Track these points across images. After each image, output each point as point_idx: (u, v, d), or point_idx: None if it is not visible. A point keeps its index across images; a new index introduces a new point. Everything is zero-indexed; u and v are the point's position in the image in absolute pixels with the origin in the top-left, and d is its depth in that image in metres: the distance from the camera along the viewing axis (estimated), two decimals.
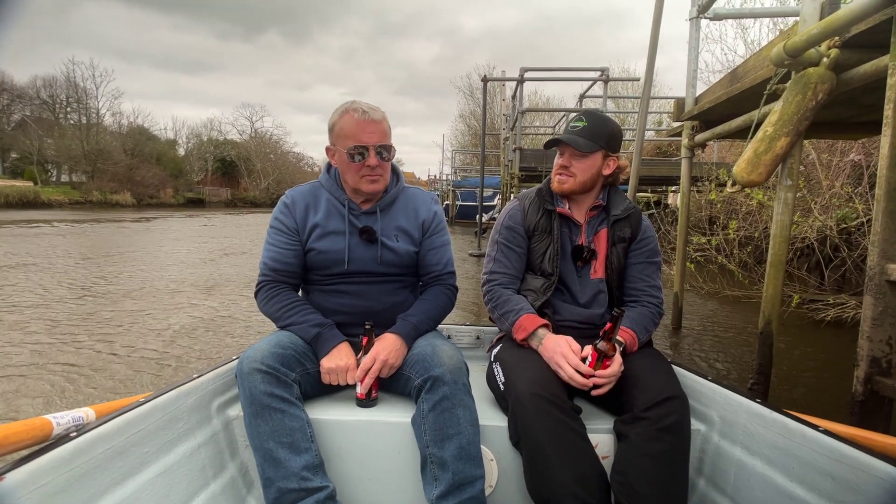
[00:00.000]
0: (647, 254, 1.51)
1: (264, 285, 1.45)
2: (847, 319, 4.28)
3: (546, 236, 1.50)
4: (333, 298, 1.46)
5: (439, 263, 1.53)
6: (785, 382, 3.05)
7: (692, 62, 3.66)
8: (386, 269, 1.47)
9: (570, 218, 1.51)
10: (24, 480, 0.85)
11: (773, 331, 2.36)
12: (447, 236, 1.57)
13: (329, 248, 1.43)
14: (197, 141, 43.62)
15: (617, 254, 1.48)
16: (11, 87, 33.21)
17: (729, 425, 1.29)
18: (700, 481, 1.33)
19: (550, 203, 1.52)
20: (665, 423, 1.15)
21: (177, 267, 7.46)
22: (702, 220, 6.84)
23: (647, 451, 1.13)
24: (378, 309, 1.45)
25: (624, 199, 1.52)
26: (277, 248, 1.45)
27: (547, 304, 1.48)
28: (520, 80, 7.63)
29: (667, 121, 13.40)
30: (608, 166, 1.48)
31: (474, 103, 29.48)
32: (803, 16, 2.18)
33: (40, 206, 25.16)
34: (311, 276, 1.49)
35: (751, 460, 1.21)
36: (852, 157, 5.25)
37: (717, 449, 1.30)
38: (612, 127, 1.48)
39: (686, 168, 4.04)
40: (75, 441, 0.96)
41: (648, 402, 1.18)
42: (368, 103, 1.40)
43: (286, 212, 1.46)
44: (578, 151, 1.44)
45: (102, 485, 0.99)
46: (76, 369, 3.12)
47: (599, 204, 1.51)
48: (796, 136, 2.21)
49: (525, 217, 1.53)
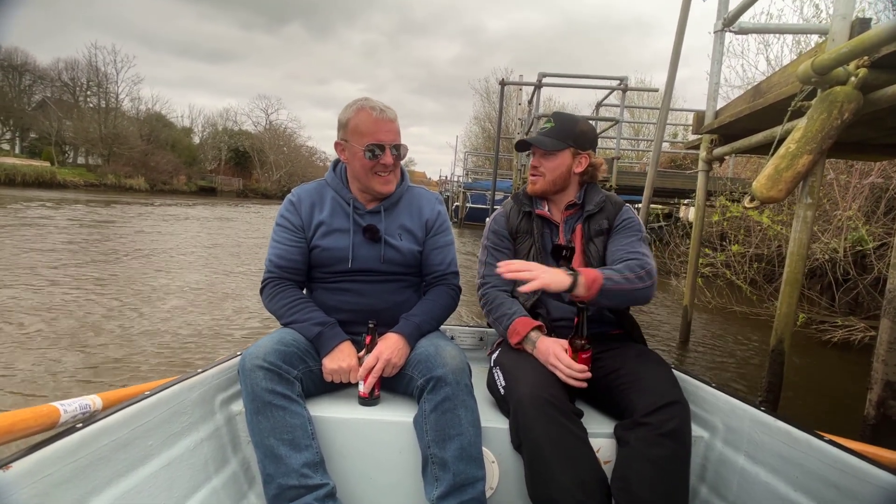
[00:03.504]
0: (626, 227, 1.48)
1: (269, 282, 1.46)
2: (854, 342, 4.24)
3: (528, 238, 1.55)
4: (337, 296, 1.46)
5: (442, 263, 1.53)
6: (791, 403, 3.01)
7: (714, 75, 3.63)
8: (389, 268, 1.47)
9: (549, 219, 1.55)
10: (30, 470, 0.86)
11: (785, 349, 2.34)
12: (451, 236, 1.59)
13: (333, 246, 1.44)
14: (212, 130, 44.01)
15: (595, 248, 1.49)
16: (34, 69, 33.74)
17: (732, 433, 1.27)
18: (703, 489, 1.32)
19: (528, 205, 1.57)
20: (665, 429, 1.14)
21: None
22: (712, 235, 6.78)
23: (647, 456, 1.12)
24: (381, 308, 1.46)
25: (598, 194, 1.54)
26: (283, 246, 1.46)
27: (540, 304, 1.51)
28: (538, 86, 7.60)
29: (682, 133, 13.32)
30: (579, 164, 1.52)
31: (490, 106, 29.47)
32: (832, 34, 2.15)
33: (56, 187, 25.51)
34: (315, 274, 1.50)
35: (754, 468, 1.19)
36: (872, 180, 5.18)
37: (721, 456, 1.29)
38: (581, 126, 1.53)
39: (702, 181, 4.01)
40: (81, 432, 0.97)
41: (649, 408, 1.17)
42: (381, 102, 1.42)
43: (292, 209, 1.48)
44: (545, 151, 1.50)
45: (106, 476, 1.00)
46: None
47: (574, 202, 1.54)
48: (819, 155, 2.18)
49: (508, 221, 1.59)
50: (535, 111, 7.84)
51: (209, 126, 44.16)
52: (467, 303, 5.20)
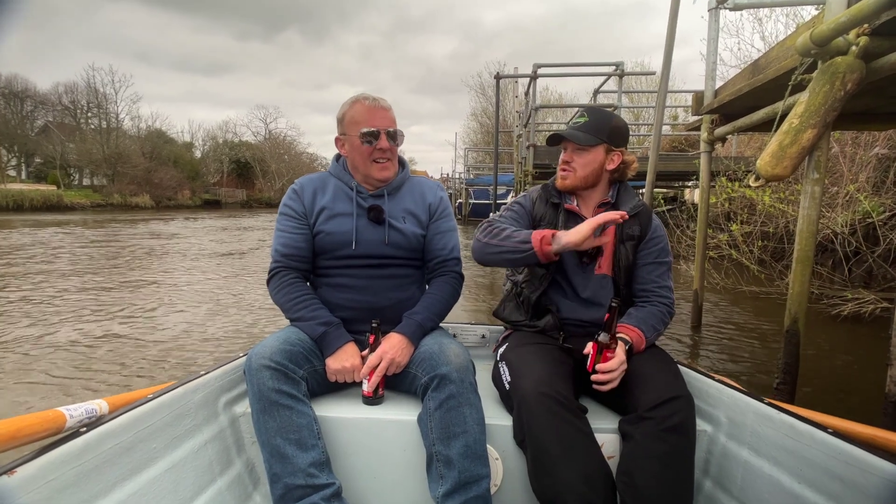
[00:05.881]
0: (657, 253, 1.50)
1: (276, 272, 1.46)
2: (865, 314, 4.19)
3: (550, 228, 1.49)
4: (340, 293, 1.47)
5: (445, 248, 1.53)
6: (807, 383, 2.96)
7: (711, 54, 3.57)
8: (393, 252, 1.47)
9: (578, 214, 1.51)
10: (34, 475, 0.87)
11: (799, 329, 2.29)
12: (453, 222, 1.59)
13: (337, 230, 1.45)
14: (213, 143, 44.30)
15: (625, 251, 1.47)
16: (35, 94, 34.15)
17: (736, 426, 1.27)
18: (707, 482, 1.31)
19: (557, 197, 1.53)
20: (670, 424, 1.14)
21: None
22: (718, 215, 6.70)
23: (652, 451, 1.12)
24: (384, 305, 1.46)
25: (633, 197, 1.51)
26: (288, 234, 1.47)
27: (549, 301, 1.49)
28: (533, 77, 7.54)
29: (682, 115, 13.15)
30: (612, 161, 1.48)
31: (486, 101, 29.36)
32: (829, 3, 2.10)
33: (63, 209, 25.81)
34: (319, 264, 1.50)
35: (758, 461, 1.19)
36: (877, 151, 5.08)
37: (724, 450, 1.29)
38: (615, 122, 1.48)
39: (706, 163, 3.95)
40: (85, 436, 0.97)
41: (653, 402, 1.17)
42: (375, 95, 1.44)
43: (295, 197, 1.49)
44: (579, 146, 1.46)
45: (111, 480, 1.01)
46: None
47: (608, 201, 1.51)
48: (823, 128, 2.13)
49: (534, 206, 1.55)
50: (532, 103, 7.78)
51: (210, 139, 44.53)
52: (468, 302, 5.19)
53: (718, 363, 3.43)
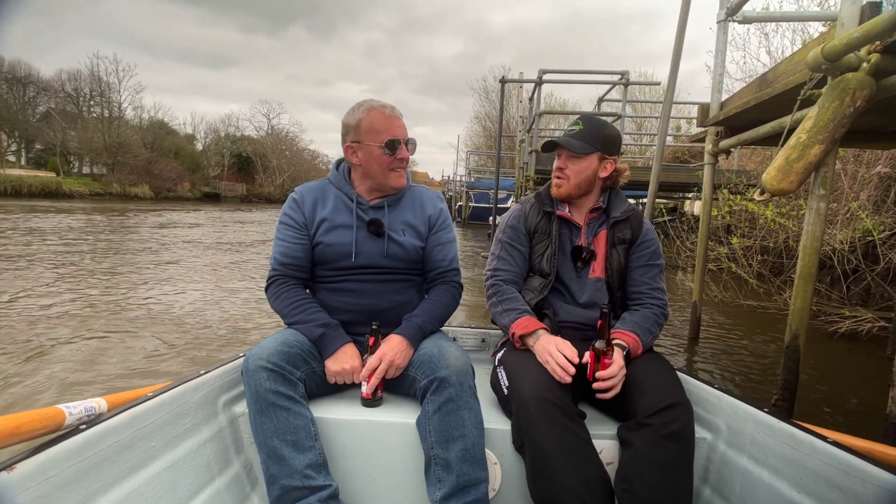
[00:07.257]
0: (648, 256, 1.52)
1: (274, 280, 1.47)
2: (862, 332, 4.19)
3: (545, 238, 1.54)
4: (339, 297, 1.46)
5: (445, 259, 1.54)
6: (803, 400, 2.95)
7: (718, 66, 3.57)
8: (392, 264, 1.47)
9: (570, 220, 1.54)
10: (34, 471, 0.87)
11: (800, 346, 2.27)
12: (453, 233, 1.60)
13: (336, 242, 1.45)
14: (214, 136, 44.25)
15: (617, 255, 1.49)
16: (38, 80, 34.10)
17: (736, 434, 1.26)
18: (705, 490, 1.31)
19: (549, 205, 1.56)
20: (669, 431, 1.13)
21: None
22: (718, 228, 6.70)
23: (651, 458, 1.12)
24: (383, 308, 1.46)
25: (624, 202, 1.54)
26: (287, 243, 1.47)
27: (547, 305, 1.50)
28: (538, 82, 7.54)
29: (685, 126, 13.18)
30: (605, 168, 1.51)
31: (490, 105, 29.41)
32: (842, 19, 2.09)
33: (62, 197, 25.70)
34: (318, 272, 1.50)
35: (757, 470, 1.18)
36: (879, 170, 5.09)
37: (724, 458, 1.28)
38: (609, 130, 1.51)
39: (709, 174, 3.94)
40: (84, 433, 0.97)
41: (652, 409, 1.17)
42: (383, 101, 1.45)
43: (295, 207, 1.49)
44: (573, 153, 1.48)
45: (110, 478, 1.00)
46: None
47: (599, 206, 1.54)
48: (831, 144, 2.12)
49: (526, 219, 1.57)
50: (537, 108, 7.77)
51: (211, 132, 44.50)
52: (469, 304, 5.16)
53: (716, 376, 3.41)
